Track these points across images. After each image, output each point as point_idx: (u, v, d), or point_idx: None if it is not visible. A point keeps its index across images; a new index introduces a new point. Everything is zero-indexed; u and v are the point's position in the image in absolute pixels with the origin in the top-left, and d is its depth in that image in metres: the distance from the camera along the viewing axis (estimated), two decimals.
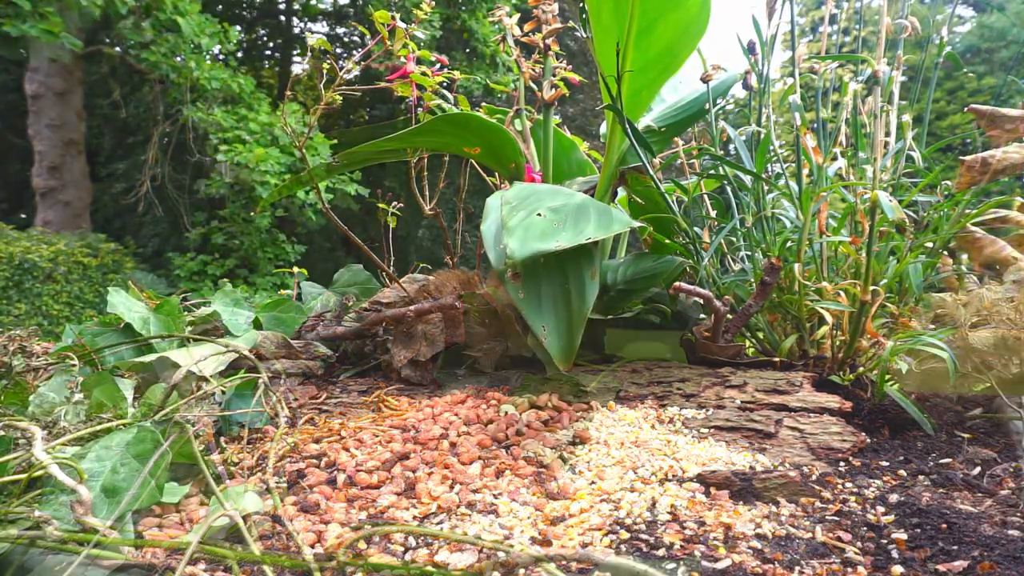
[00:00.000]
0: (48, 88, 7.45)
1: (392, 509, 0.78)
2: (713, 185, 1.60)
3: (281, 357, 1.34)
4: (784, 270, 1.26)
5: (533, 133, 1.54)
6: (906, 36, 1.34)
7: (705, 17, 1.32)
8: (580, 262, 1.17)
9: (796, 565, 0.66)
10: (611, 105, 1.28)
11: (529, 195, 1.16)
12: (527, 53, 1.53)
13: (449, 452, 0.94)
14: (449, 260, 1.74)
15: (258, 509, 0.70)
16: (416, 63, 1.52)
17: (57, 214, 7.63)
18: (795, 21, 1.34)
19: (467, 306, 1.32)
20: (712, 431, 1.02)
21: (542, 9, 1.44)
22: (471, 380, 1.32)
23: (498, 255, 1.09)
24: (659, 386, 1.19)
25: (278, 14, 11.82)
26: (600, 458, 0.92)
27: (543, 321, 1.13)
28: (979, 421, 1.14)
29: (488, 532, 0.73)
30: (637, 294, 1.34)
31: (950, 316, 1.12)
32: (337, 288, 1.71)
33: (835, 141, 1.40)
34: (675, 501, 0.79)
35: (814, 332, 1.32)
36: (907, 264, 1.22)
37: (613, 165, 1.46)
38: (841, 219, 1.33)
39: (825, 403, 1.06)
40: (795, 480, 0.83)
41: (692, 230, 1.41)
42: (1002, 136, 1.30)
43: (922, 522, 0.75)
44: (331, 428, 1.05)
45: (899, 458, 0.98)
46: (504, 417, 1.06)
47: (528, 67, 1.49)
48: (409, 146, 1.50)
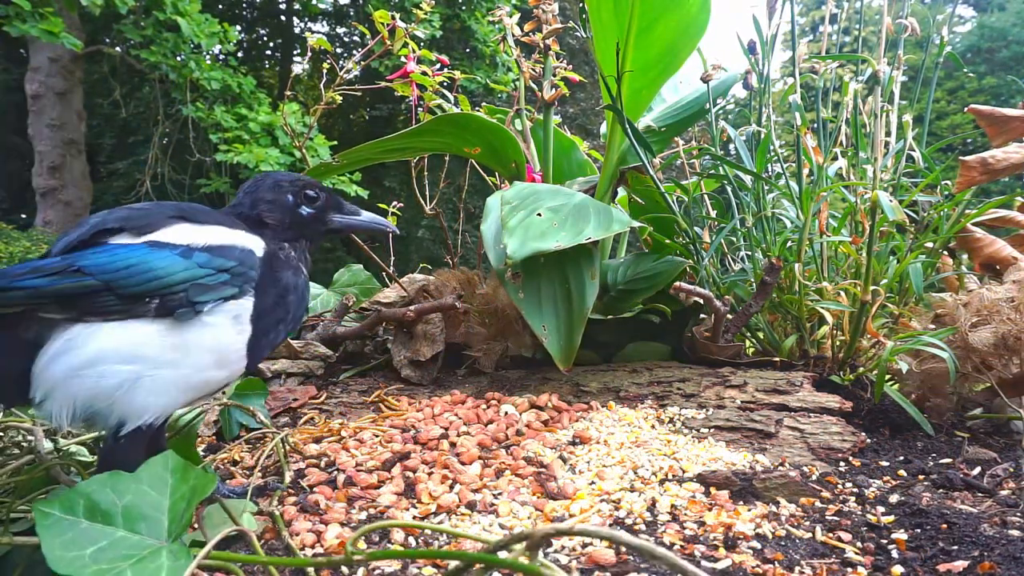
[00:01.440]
0: (48, 88, 7.45)
1: (392, 509, 0.78)
2: (713, 185, 1.60)
3: (281, 357, 1.34)
4: (784, 270, 1.26)
5: (533, 133, 1.54)
6: (907, 36, 1.34)
7: (705, 17, 1.32)
8: (580, 262, 1.17)
9: (796, 565, 0.66)
10: (611, 105, 1.28)
11: (529, 195, 1.16)
12: (527, 53, 1.53)
13: (449, 452, 0.94)
14: (450, 260, 1.74)
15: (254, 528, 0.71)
16: (416, 63, 1.52)
17: (58, 214, 7.64)
18: (795, 21, 1.34)
19: (467, 306, 1.32)
20: (712, 431, 1.02)
21: (542, 9, 1.44)
22: (471, 380, 1.32)
23: (498, 255, 1.09)
24: (659, 386, 1.19)
25: (278, 14, 11.83)
26: (600, 458, 0.92)
27: (543, 321, 1.13)
28: (979, 421, 1.14)
29: (488, 532, 0.73)
30: (637, 294, 1.34)
31: (950, 316, 1.12)
32: (337, 288, 1.71)
33: (835, 141, 1.40)
34: (675, 501, 0.79)
35: (814, 332, 1.32)
36: (908, 264, 1.22)
37: (613, 165, 1.45)
38: (841, 219, 1.33)
39: (825, 403, 1.06)
40: (795, 480, 0.83)
41: (692, 230, 1.41)
42: (1002, 136, 1.30)
43: (922, 522, 0.75)
44: (331, 428, 1.05)
45: (899, 458, 0.98)
46: (504, 417, 1.06)
47: (528, 67, 1.49)
48: (409, 146, 1.50)
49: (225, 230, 0.74)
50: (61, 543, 0.52)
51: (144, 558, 0.53)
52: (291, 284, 0.78)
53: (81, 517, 0.55)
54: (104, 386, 0.66)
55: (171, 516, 0.57)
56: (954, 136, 7.22)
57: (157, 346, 0.68)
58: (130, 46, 7.52)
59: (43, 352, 0.66)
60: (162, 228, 0.71)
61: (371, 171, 8.50)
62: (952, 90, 13.26)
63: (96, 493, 0.56)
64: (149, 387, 0.68)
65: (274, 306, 0.76)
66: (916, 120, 1.36)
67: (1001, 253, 1.30)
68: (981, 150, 1.29)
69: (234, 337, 0.72)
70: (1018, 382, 1.08)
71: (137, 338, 0.67)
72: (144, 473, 0.59)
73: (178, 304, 0.68)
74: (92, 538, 0.54)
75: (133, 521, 0.56)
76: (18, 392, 0.68)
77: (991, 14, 14.84)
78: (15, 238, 6.65)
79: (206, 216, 0.75)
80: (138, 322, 0.67)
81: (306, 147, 1.72)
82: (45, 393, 0.66)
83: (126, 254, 0.68)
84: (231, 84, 7.26)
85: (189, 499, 0.57)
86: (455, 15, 8.93)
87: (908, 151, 1.33)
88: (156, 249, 0.69)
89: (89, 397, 0.66)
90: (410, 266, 1.82)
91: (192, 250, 0.70)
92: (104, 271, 0.66)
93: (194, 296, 0.69)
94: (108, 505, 0.56)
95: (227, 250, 0.72)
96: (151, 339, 0.68)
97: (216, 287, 0.70)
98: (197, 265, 0.69)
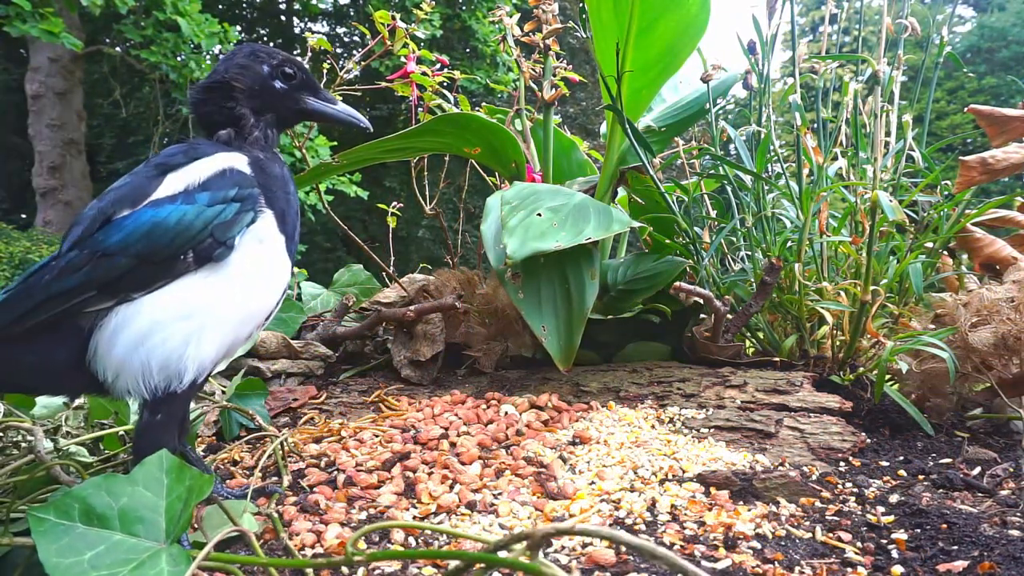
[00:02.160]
0: (48, 88, 7.45)
1: (392, 509, 0.78)
2: (713, 185, 1.60)
3: (281, 357, 1.34)
4: (784, 270, 1.26)
5: (533, 133, 1.54)
6: (907, 36, 1.34)
7: (705, 17, 1.32)
8: (580, 262, 1.17)
9: (796, 565, 0.66)
10: (611, 105, 1.28)
11: (529, 195, 1.16)
12: (527, 53, 1.53)
13: (449, 452, 0.94)
14: (450, 260, 1.74)
15: (254, 529, 0.71)
16: (417, 63, 1.52)
17: (58, 214, 7.64)
18: (795, 21, 1.34)
19: (467, 306, 1.32)
20: (712, 431, 1.02)
21: (542, 9, 1.44)
22: (471, 380, 1.31)
23: (498, 255, 1.09)
24: (659, 386, 1.19)
25: (278, 14, 11.83)
26: (600, 458, 0.92)
27: (543, 321, 1.13)
28: (979, 421, 1.14)
29: (488, 532, 0.73)
30: (637, 294, 1.34)
31: (950, 316, 1.12)
32: (337, 288, 1.71)
33: (835, 141, 1.40)
34: (675, 501, 0.79)
35: (814, 332, 1.32)
36: (908, 264, 1.22)
37: (613, 165, 1.46)
38: (841, 219, 1.33)
39: (825, 403, 1.06)
40: (795, 480, 0.83)
41: (692, 230, 1.41)
42: (1002, 136, 1.30)
43: (922, 522, 0.75)
44: (331, 428, 1.05)
45: (899, 458, 0.98)
46: (504, 417, 1.06)
47: (528, 67, 1.49)
48: (409, 146, 1.50)
49: (204, 161, 0.75)
50: (57, 549, 0.52)
51: (143, 562, 0.53)
52: (280, 175, 0.80)
53: (77, 521, 0.54)
54: (172, 347, 0.68)
55: (168, 517, 0.56)
56: (954, 136, 7.22)
57: (209, 293, 0.70)
58: (130, 46, 7.52)
59: (98, 337, 0.67)
60: (153, 189, 0.72)
61: (371, 171, 8.50)
62: (952, 90, 13.27)
63: (92, 496, 0.56)
64: (214, 331, 0.70)
65: (284, 202, 0.78)
66: (916, 120, 1.36)
67: (1001, 253, 1.30)
68: (981, 150, 1.29)
69: (274, 252, 0.75)
70: (1018, 382, 1.08)
71: (187, 294, 0.69)
72: (139, 474, 0.59)
73: (211, 247, 0.69)
74: (90, 542, 0.53)
75: (130, 524, 0.55)
76: (80, 382, 0.70)
77: (991, 14, 14.85)
78: (15, 238, 6.65)
79: (180, 156, 0.76)
80: (183, 279, 0.69)
81: (306, 147, 1.72)
82: (116, 373, 0.68)
83: (134, 224, 0.68)
84: None
85: (186, 499, 0.57)
86: (456, 15, 8.93)
87: (908, 151, 1.33)
88: (159, 207, 0.70)
89: (162, 362, 0.68)
90: (410, 266, 1.82)
91: (191, 193, 0.71)
92: (128, 245, 0.67)
93: (221, 236, 0.70)
94: (104, 508, 0.56)
95: (220, 179, 0.73)
96: (201, 289, 0.69)
97: (235, 219, 0.72)
98: (205, 206, 0.71)
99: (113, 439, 0.97)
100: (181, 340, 0.68)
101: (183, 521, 0.56)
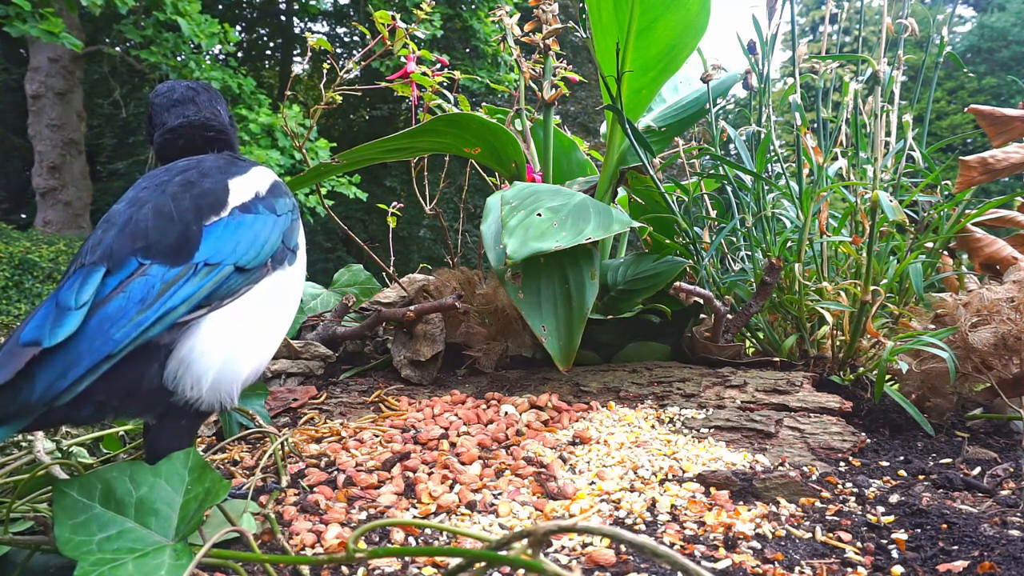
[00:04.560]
0: (48, 88, 7.45)
1: (392, 509, 0.78)
2: (713, 185, 1.60)
3: (281, 357, 1.34)
4: (784, 270, 1.26)
5: (533, 133, 1.54)
6: (907, 36, 1.34)
7: (705, 17, 1.32)
8: (580, 262, 1.17)
9: (796, 565, 0.66)
10: (611, 105, 1.28)
11: (529, 195, 1.16)
12: (528, 53, 1.53)
13: (449, 452, 0.94)
14: (450, 259, 1.74)
15: (253, 529, 0.71)
16: (417, 63, 1.52)
17: (57, 214, 7.64)
18: (795, 21, 1.34)
19: (467, 306, 1.32)
20: (712, 431, 1.02)
21: (542, 9, 1.44)
22: (471, 380, 1.31)
23: (498, 255, 1.09)
24: (659, 386, 1.19)
25: (278, 14, 11.83)
26: (600, 458, 0.92)
27: (543, 321, 1.13)
28: (979, 421, 1.14)
29: (488, 531, 0.73)
30: (637, 294, 1.34)
31: (950, 316, 1.12)
32: (337, 288, 1.71)
33: (836, 141, 1.40)
34: (675, 501, 0.79)
35: (814, 332, 1.32)
36: (908, 264, 1.22)
37: (613, 165, 1.46)
38: (842, 219, 1.33)
39: (825, 403, 1.06)
40: (795, 480, 0.83)
41: (692, 230, 1.41)
42: (1002, 136, 1.30)
43: (922, 522, 0.75)
44: (331, 428, 1.05)
45: (899, 458, 0.98)
46: (504, 417, 1.06)
47: (528, 67, 1.49)
48: (409, 146, 1.50)
49: (258, 170, 0.76)
50: (72, 525, 0.53)
51: (148, 554, 0.53)
52: None
53: (96, 502, 0.55)
54: (258, 352, 0.69)
55: (181, 515, 0.56)
56: (954, 136, 7.22)
57: (281, 297, 0.72)
58: (130, 46, 7.52)
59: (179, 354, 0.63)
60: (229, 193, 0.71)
61: (371, 171, 8.51)
62: (952, 90, 13.27)
63: (115, 480, 0.56)
64: (280, 333, 0.72)
65: None
66: (916, 120, 1.36)
67: (1001, 253, 1.30)
68: (981, 150, 1.29)
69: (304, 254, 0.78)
70: (1018, 382, 1.08)
71: (267, 299, 0.70)
72: (163, 467, 0.59)
73: (282, 253, 0.71)
74: (103, 525, 0.54)
75: (144, 514, 0.56)
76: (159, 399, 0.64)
77: (991, 14, 14.84)
78: (15, 238, 6.65)
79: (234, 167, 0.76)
80: (260, 284, 0.69)
81: (306, 148, 1.72)
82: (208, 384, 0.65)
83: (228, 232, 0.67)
84: (231, 84, 7.27)
85: (202, 501, 0.57)
86: (457, 14, 8.93)
87: (908, 151, 1.33)
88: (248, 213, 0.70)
89: (255, 369, 0.69)
90: (410, 266, 1.83)
91: (264, 200, 0.72)
92: (225, 254, 0.66)
93: (290, 242, 0.72)
94: (124, 494, 0.56)
95: (278, 188, 0.75)
96: (275, 294, 0.71)
97: (292, 225, 0.74)
98: (276, 214, 0.71)
99: (113, 439, 0.97)
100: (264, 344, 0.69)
101: (194, 522, 0.56)
